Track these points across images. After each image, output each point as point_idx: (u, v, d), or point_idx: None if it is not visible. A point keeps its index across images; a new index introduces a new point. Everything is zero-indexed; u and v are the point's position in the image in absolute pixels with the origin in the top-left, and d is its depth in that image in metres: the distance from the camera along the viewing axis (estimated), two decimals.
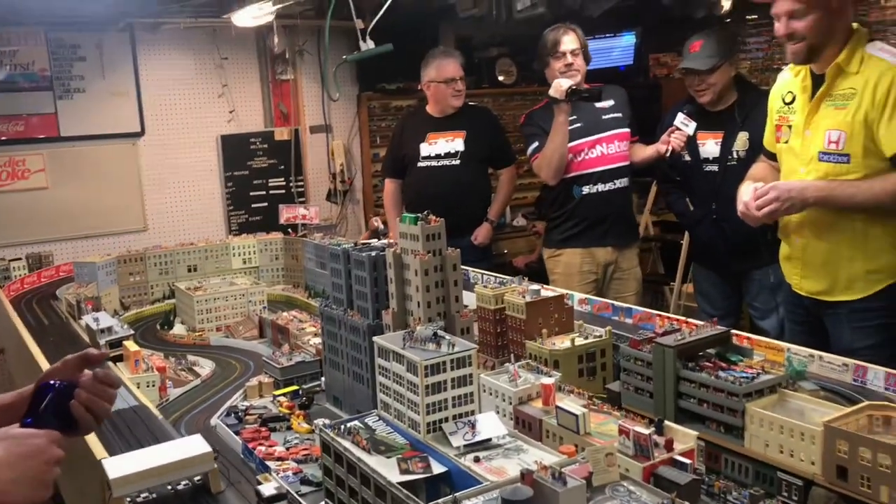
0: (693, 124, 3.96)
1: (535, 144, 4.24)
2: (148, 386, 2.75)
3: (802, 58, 2.77)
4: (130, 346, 2.93)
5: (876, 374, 2.16)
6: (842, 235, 2.77)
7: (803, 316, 3.03)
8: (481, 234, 4.69)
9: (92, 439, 2.01)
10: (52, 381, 1.52)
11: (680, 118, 4.00)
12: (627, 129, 4.27)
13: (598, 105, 4.22)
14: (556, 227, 4.37)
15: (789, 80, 2.96)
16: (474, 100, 6.75)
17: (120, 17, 5.22)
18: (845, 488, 1.62)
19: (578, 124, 4.20)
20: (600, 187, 4.21)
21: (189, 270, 4.26)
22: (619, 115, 4.27)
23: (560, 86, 4.05)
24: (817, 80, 2.81)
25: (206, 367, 3.17)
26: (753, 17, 6.81)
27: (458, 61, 4.70)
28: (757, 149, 3.31)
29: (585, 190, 4.21)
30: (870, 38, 2.75)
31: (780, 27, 2.74)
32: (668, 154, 4.04)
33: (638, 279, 4.40)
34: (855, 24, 2.76)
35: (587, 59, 4.28)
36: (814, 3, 2.67)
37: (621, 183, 4.25)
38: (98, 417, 1.55)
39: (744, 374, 1.91)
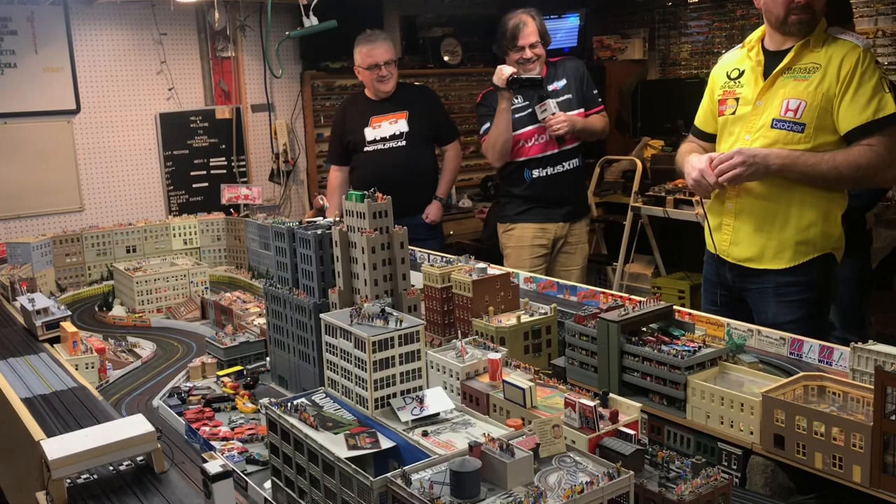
0: None
1: (487, 125, 4.30)
2: (87, 367, 2.68)
3: (807, 29, 2.78)
4: (68, 327, 2.85)
5: (811, 347, 2.24)
6: (778, 204, 2.83)
7: (725, 297, 3.07)
8: (432, 211, 4.71)
9: (29, 420, 1.96)
10: None
11: None
12: (580, 110, 4.29)
13: (549, 88, 4.25)
14: (508, 203, 4.47)
15: (739, 57, 3.00)
16: (419, 80, 6.75)
17: None
18: (782, 456, 1.68)
19: (528, 111, 4.25)
20: (549, 170, 4.29)
21: (128, 251, 4.16)
22: (570, 96, 4.28)
23: (502, 73, 4.08)
24: (770, 56, 2.86)
25: (146, 348, 3.10)
26: (694, 1, 6.92)
27: (382, 46, 4.54)
28: None
29: (535, 174, 4.28)
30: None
31: None
32: None
33: (585, 254, 4.50)
34: None
35: (546, 45, 4.31)
36: None
37: (570, 165, 4.33)
38: None
39: (685, 348, 1.95)
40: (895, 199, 4.59)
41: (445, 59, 6.96)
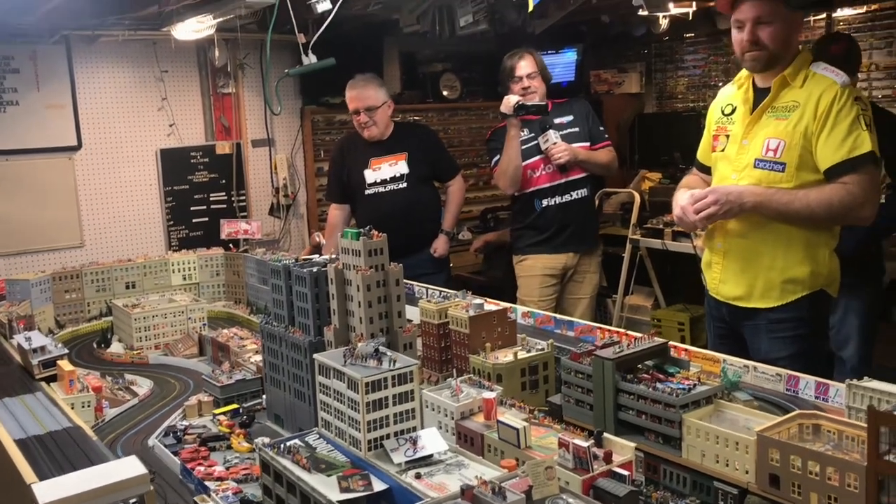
0: None
1: (497, 158, 4.47)
2: (83, 406, 2.67)
3: (762, 65, 2.82)
4: (65, 365, 2.84)
5: (807, 384, 2.23)
6: (763, 244, 2.84)
7: (724, 329, 3.09)
8: (440, 246, 4.74)
9: (21, 462, 1.95)
10: None
11: None
12: (586, 143, 4.46)
13: (556, 121, 4.43)
14: (520, 236, 4.63)
15: (731, 93, 3.04)
16: (419, 114, 6.82)
17: (55, 28, 5.11)
18: (778, 496, 1.66)
19: (535, 142, 4.42)
20: (558, 199, 4.45)
21: (127, 287, 4.16)
22: (577, 129, 4.45)
23: (509, 101, 4.30)
24: (759, 94, 2.89)
25: (144, 385, 3.09)
26: (690, 35, 6.99)
27: (364, 91, 4.51)
28: None
29: (544, 203, 4.46)
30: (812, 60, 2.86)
31: (744, 34, 2.78)
32: None
33: (594, 284, 4.62)
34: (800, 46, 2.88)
35: (546, 79, 4.52)
36: (778, 13, 2.76)
37: (579, 194, 4.48)
38: None
39: (680, 386, 1.95)
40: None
41: (445, 93, 7.02)
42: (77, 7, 4.74)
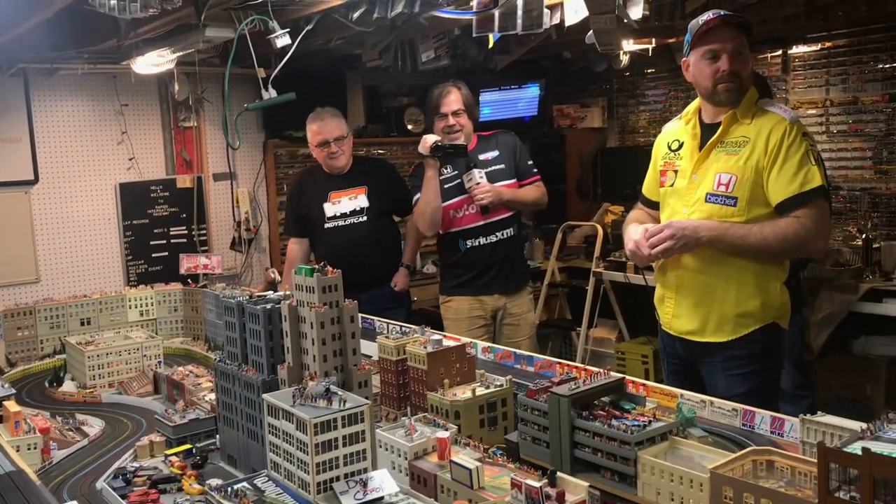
0: None
1: (417, 196, 4.33)
2: (29, 449, 2.59)
3: (736, 97, 2.83)
4: (11, 406, 2.76)
5: (762, 419, 2.23)
6: (716, 278, 2.86)
7: (678, 364, 3.10)
8: (400, 280, 4.69)
9: None
10: None
11: None
12: (513, 180, 4.33)
13: (480, 157, 4.30)
14: (445, 275, 4.52)
15: (678, 129, 3.07)
16: (383, 148, 6.82)
17: (12, 61, 5.05)
18: None
19: (458, 181, 4.28)
20: (482, 240, 4.30)
21: (82, 324, 4.07)
22: (502, 166, 4.32)
23: (426, 142, 4.14)
24: (707, 129, 2.92)
25: (95, 425, 3.01)
26: (651, 70, 7.10)
27: (331, 123, 4.50)
28: None
29: (469, 243, 4.31)
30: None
31: (722, 63, 2.78)
32: None
33: (530, 324, 4.49)
34: None
35: (473, 117, 4.36)
36: (747, 45, 2.81)
37: (505, 234, 4.33)
38: None
39: (636, 423, 1.94)
40: (848, 263, 4.67)
41: (409, 127, 7.04)
42: (35, 40, 4.69)
